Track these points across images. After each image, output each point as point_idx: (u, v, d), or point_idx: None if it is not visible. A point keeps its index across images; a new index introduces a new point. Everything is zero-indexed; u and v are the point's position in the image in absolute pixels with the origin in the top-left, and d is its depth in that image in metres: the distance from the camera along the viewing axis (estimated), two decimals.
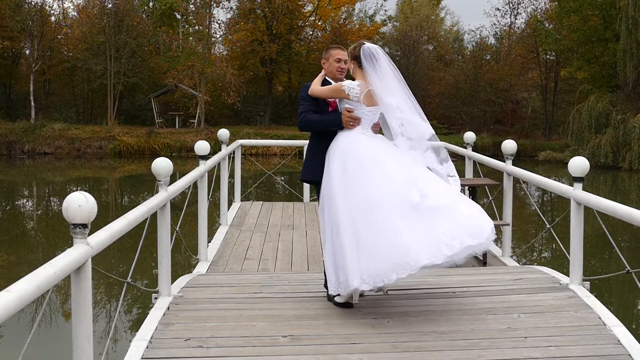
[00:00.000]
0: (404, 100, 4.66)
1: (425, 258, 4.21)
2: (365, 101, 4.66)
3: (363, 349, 4.01)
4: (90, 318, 3.24)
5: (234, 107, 41.29)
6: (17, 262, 12.45)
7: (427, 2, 49.21)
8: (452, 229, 4.30)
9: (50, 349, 7.54)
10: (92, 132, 37.24)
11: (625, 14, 31.64)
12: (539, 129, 43.15)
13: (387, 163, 4.53)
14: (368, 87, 4.65)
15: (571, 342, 4.13)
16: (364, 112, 4.68)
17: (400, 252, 4.22)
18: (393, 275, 4.23)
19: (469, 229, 4.34)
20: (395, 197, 4.37)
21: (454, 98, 43.94)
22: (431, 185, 4.49)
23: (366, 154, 4.58)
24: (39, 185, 26.39)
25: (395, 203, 4.36)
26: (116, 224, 3.79)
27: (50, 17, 43.41)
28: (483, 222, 4.47)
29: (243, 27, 43.54)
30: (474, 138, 9.25)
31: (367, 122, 4.71)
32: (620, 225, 14.02)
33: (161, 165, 4.94)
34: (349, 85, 4.68)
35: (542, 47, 42.44)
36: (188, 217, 9.00)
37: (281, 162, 18.19)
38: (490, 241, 4.53)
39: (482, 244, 4.39)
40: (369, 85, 4.66)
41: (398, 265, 4.21)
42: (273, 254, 7.34)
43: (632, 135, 30.30)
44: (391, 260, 4.23)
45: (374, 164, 4.51)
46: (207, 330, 4.31)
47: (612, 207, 4.61)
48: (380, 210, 4.35)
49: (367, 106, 4.67)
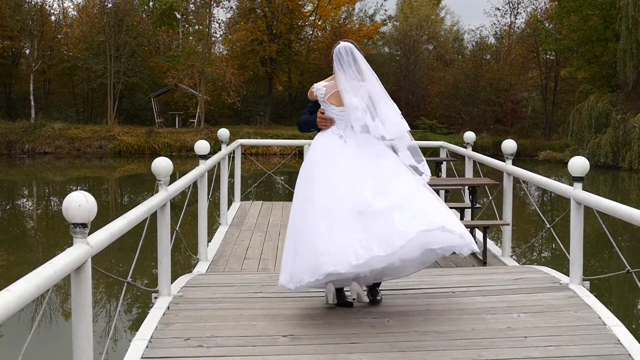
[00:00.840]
0: (377, 96, 4.59)
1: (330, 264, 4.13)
2: (334, 101, 4.65)
3: (363, 348, 4.01)
4: (90, 317, 3.25)
5: (234, 107, 41.28)
6: (17, 261, 12.45)
7: (427, 2, 49.18)
8: (404, 219, 4.20)
9: (50, 349, 7.54)
10: (92, 131, 37.23)
11: (625, 14, 31.64)
12: (538, 129, 43.16)
13: (341, 166, 4.47)
14: (337, 87, 4.65)
15: (571, 341, 4.13)
16: (334, 112, 4.67)
17: (313, 256, 4.22)
18: (306, 278, 4.26)
19: (382, 239, 4.17)
20: (338, 201, 4.31)
21: (454, 98, 43.92)
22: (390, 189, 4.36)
23: (324, 155, 4.57)
24: (39, 185, 26.39)
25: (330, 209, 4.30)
26: (116, 224, 3.79)
27: (50, 17, 43.39)
28: (438, 210, 4.33)
29: (243, 26, 43.53)
30: (473, 138, 9.25)
31: (342, 122, 4.66)
32: (620, 225, 14.02)
33: (161, 164, 4.94)
34: (317, 86, 4.74)
35: (542, 47, 42.44)
36: (188, 217, 9.00)
37: (281, 162, 18.20)
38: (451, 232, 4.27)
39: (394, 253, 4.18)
40: (338, 86, 4.64)
41: (309, 268, 4.23)
42: (273, 253, 7.34)
43: (632, 135, 30.30)
44: (307, 262, 4.26)
45: (326, 167, 4.49)
46: (207, 329, 4.31)
47: (612, 206, 4.61)
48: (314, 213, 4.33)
49: (337, 106, 4.66)
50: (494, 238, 7.99)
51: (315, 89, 4.74)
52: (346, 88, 4.57)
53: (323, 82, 4.76)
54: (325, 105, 4.70)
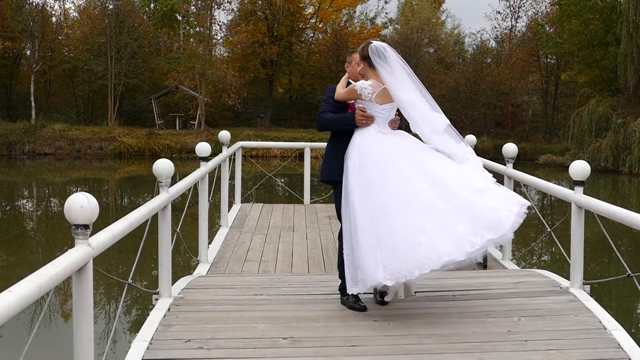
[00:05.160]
0: (417, 96, 4.69)
1: (446, 254, 4.23)
2: (379, 100, 4.69)
3: (363, 351, 4.01)
4: (91, 319, 3.24)
5: (235, 109, 41.31)
6: (17, 262, 12.45)
7: (428, 5, 49.25)
8: (472, 226, 4.30)
9: (49, 350, 7.53)
10: (92, 133, 37.26)
11: (626, 18, 31.69)
12: (539, 133, 43.19)
13: (404, 162, 4.55)
14: (381, 85, 4.67)
15: (571, 345, 4.13)
16: (377, 111, 4.70)
17: (421, 249, 4.24)
18: (416, 272, 4.26)
19: (489, 223, 4.32)
20: (414, 197, 4.40)
21: (454, 101, 43.92)
22: (450, 180, 4.48)
23: (383, 152, 4.60)
24: (39, 186, 26.39)
25: (414, 202, 4.38)
26: (117, 225, 3.79)
27: (51, 18, 43.44)
28: (505, 214, 4.41)
29: (244, 28, 43.59)
30: (474, 141, 9.22)
31: (382, 119, 4.72)
32: (620, 229, 14.02)
33: (162, 166, 4.94)
34: (361, 85, 4.70)
35: (543, 51, 42.49)
36: (188, 219, 9.02)
37: (282, 164, 18.19)
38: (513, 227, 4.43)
39: (504, 235, 4.39)
40: (384, 84, 4.67)
41: (420, 261, 4.24)
42: (273, 255, 7.34)
43: (633, 139, 30.31)
44: (413, 257, 4.26)
45: (391, 164, 4.54)
46: (207, 331, 4.31)
47: (613, 211, 4.61)
48: (399, 210, 4.37)
49: (381, 104, 4.69)
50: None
51: (359, 88, 4.69)
52: (393, 83, 4.64)
53: (366, 82, 4.72)
54: (368, 104, 4.71)
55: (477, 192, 4.46)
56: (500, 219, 4.38)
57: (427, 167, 4.55)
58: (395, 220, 4.36)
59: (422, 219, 4.33)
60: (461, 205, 4.37)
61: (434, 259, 4.23)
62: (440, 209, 4.36)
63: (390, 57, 4.66)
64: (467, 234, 4.29)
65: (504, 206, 4.44)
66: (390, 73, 4.63)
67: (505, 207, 4.43)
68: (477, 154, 5.04)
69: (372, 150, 4.62)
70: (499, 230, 4.33)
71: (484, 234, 4.29)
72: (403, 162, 4.54)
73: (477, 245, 4.27)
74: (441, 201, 4.38)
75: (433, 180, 4.47)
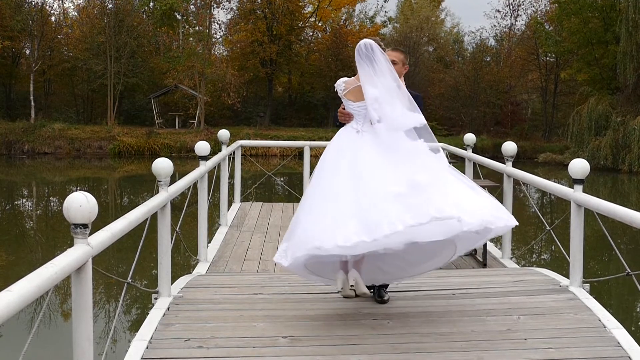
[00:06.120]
0: (382, 92, 4.59)
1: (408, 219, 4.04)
2: (352, 97, 4.71)
3: (363, 350, 4.01)
4: (90, 318, 3.24)
5: (234, 108, 41.29)
6: (16, 262, 12.45)
7: (427, 4, 49.21)
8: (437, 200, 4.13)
9: (49, 349, 7.54)
10: (92, 132, 37.25)
11: (626, 17, 31.68)
12: (538, 131, 43.19)
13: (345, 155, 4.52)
14: (357, 83, 4.69)
15: (571, 344, 4.13)
16: (351, 108, 4.73)
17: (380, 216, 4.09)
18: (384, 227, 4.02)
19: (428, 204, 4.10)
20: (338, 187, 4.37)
21: (454, 100, 43.95)
22: (419, 176, 4.33)
23: (335, 147, 4.65)
24: (39, 185, 26.38)
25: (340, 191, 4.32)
26: (117, 224, 3.79)
27: (50, 17, 43.39)
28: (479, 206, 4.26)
29: (243, 27, 43.56)
30: (474, 140, 9.25)
31: (360, 117, 4.70)
32: (619, 228, 14.02)
33: (162, 165, 4.94)
34: (338, 82, 4.82)
35: (542, 49, 42.50)
36: (188, 218, 8.99)
37: (281, 163, 18.19)
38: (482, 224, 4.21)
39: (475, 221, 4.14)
40: (359, 81, 4.69)
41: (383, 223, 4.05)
42: (273, 254, 7.31)
43: (632, 137, 30.32)
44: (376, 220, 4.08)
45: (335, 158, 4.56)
46: (207, 330, 4.31)
47: (612, 209, 4.61)
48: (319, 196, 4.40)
49: (355, 102, 4.70)
50: (494, 240, 7.97)
51: (336, 85, 4.82)
52: (364, 80, 4.63)
53: (344, 79, 4.84)
54: (344, 100, 4.78)
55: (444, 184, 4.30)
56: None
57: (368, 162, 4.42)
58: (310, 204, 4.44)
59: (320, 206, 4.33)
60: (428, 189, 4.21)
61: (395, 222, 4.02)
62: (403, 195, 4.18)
63: (363, 54, 4.61)
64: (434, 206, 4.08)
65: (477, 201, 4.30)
66: (365, 70, 4.62)
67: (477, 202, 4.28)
68: (477, 152, 5.05)
69: (335, 143, 4.69)
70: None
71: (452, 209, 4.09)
72: (343, 154, 4.52)
73: (445, 213, 4.06)
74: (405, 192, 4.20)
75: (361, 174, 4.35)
